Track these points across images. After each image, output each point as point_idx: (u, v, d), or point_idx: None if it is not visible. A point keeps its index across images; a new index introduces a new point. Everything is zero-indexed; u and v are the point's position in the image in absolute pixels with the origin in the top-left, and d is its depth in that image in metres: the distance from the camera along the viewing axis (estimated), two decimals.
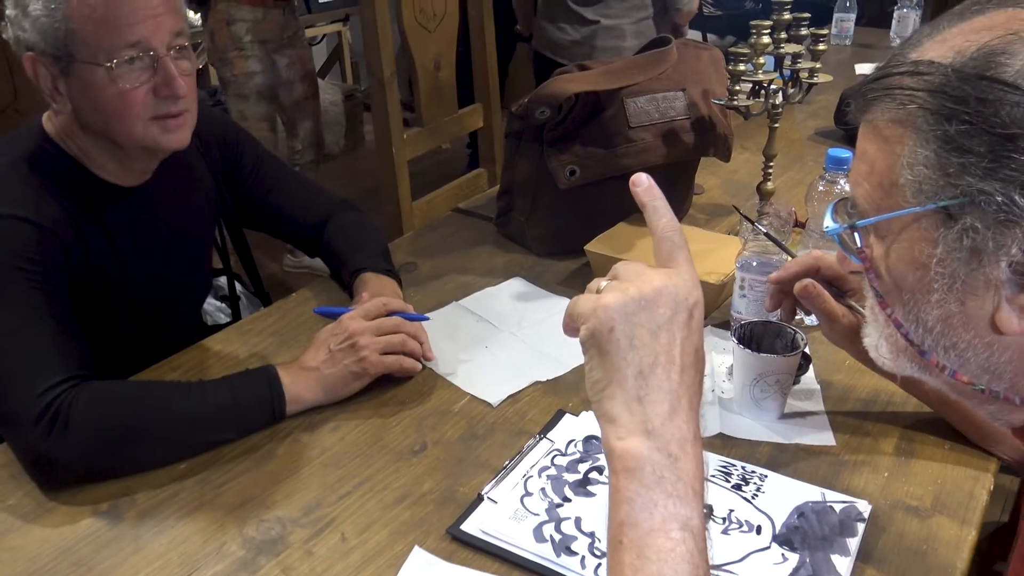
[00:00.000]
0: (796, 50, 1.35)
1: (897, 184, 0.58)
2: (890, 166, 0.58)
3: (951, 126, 0.54)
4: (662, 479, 0.57)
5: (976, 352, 0.58)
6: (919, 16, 2.71)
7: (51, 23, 1.00)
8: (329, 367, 1.08)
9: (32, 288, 1.00)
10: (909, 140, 0.56)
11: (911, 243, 0.58)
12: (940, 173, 0.55)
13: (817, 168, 1.82)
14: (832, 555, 0.85)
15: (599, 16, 2.61)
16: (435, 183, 2.36)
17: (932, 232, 0.56)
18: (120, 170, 1.13)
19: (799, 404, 1.08)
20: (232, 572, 0.86)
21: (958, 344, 0.59)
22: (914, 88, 0.56)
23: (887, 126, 0.58)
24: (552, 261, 1.45)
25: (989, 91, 0.52)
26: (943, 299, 0.57)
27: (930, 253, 0.57)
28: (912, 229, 0.58)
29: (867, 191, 0.61)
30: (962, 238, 0.54)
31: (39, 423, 0.92)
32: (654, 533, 0.56)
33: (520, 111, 1.38)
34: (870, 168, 0.60)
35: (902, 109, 0.57)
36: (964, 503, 0.93)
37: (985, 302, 0.56)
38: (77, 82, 1.03)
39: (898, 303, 0.61)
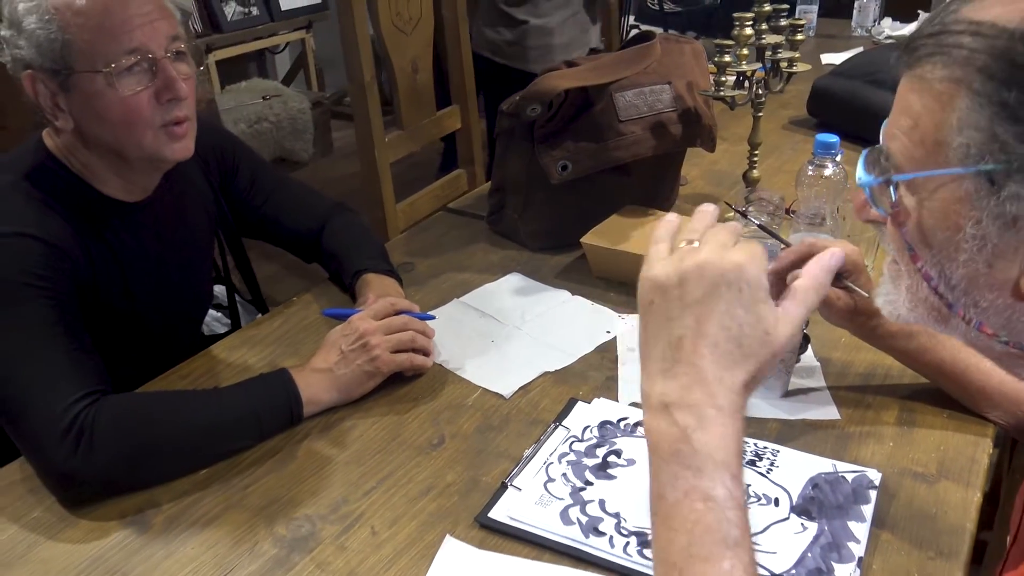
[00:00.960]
0: (776, 40, 1.39)
1: (942, 143, 0.57)
2: (937, 125, 0.57)
3: (1011, 93, 0.53)
4: (679, 452, 0.59)
5: (997, 311, 0.59)
6: (879, 5, 2.78)
7: (47, 35, 1.00)
8: (342, 368, 1.09)
9: (44, 305, 1.00)
10: (962, 101, 0.55)
11: (947, 203, 0.58)
12: (991, 138, 0.54)
13: (795, 155, 1.88)
14: (849, 522, 0.89)
15: (528, 16, 2.63)
16: (411, 184, 2.37)
17: (972, 195, 0.56)
18: (123, 185, 1.13)
19: (801, 382, 1.12)
20: (268, 571, 0.87)
21: (980, 302, 0.59)
22: (975, 49, 0.54)
23: (940, 83, 0.56)
24: (547, 255, 1.48)
25: None
26: (971, 259, 0.57)
27: (966, 215, 0.56)
28: (951, 189, 0.57)
29: (906, 146, 0.60)
30: (1004, 204, 0.54)
31: (64, 441, 0.92)
32: (679, 505, 0.58)
33: (511, 109, 1.40)
34: (914, 123, 0.59)
35: (959, 68, 0.55)
36: (967, 467, 0.97)
37: (1012, 267, 0.56)
38: (78, 95, 1.03)
39: (927, 256, 0.61)
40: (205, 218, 1.31)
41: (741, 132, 1.95)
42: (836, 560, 0.84)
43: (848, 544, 0.86)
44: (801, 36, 1.42)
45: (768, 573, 0.83)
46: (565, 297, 1.34)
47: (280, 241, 1.42)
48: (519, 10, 2.64)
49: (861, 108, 1.87)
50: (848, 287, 1.04)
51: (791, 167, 1.81)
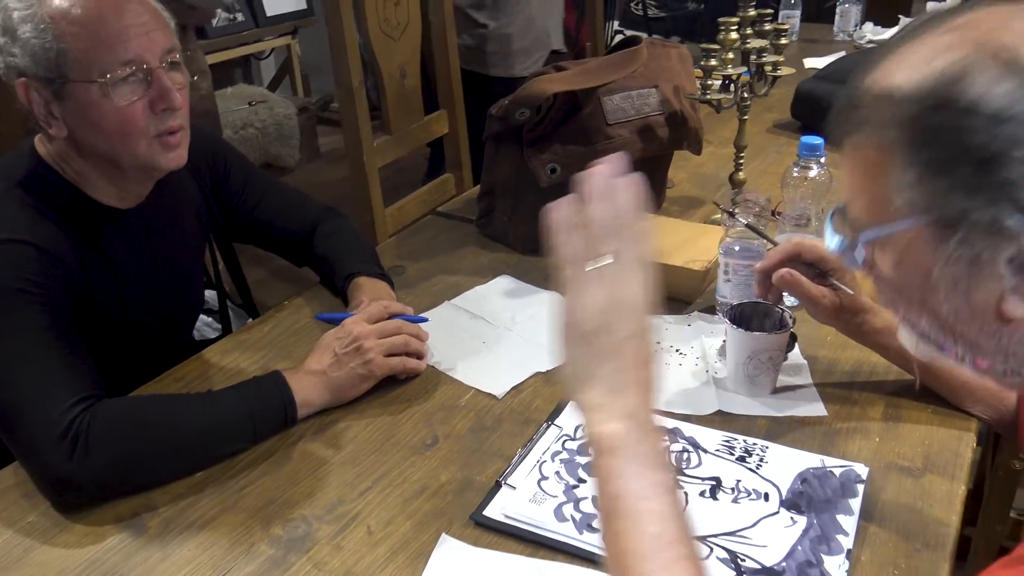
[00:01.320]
0: (761, 45, 1.41)
1: (888, 201, 0.60)
2: (879, 187, 0.61)
3: (931, 152, 0.57)
4: (642, 454, 0.64)
5: (987, 338, 0.61)
6: (860, 10, 2.81)
7: (42, 44, 1.01)
8: (336, 370, 1.10)
9: (39, 311, 1.00)
10: (894, 166, 0.59)
11: (911, 252, 0.61)
12: (928, 193, 0.57)
13: (779, 158, 1.91)
14: (837, 515, 0.91)
15: (488, 20, 2.65)
16: (398, 189, 2.38)
17: (932, 242, 0.59)
18: (116, 193, 1.13)
19: (789, 379, 1.13)
20: (265, 571, 0.88)
21: (967, 334, 0.61)
22: (889, 119, 0.59)
23: (870, 153, 0.61)
24: (536, 258, 1.49)
25: (957, 119, 0.55)
26: (949, 296, 0.60)
27: (931, 260, 0.59)
28: (910, 240, 0.60)
29: (862, 207, 0.64)
30: (960, 247, 0.57)
31: (60, 446, 0.92)
32: (644, 500, 0.62)
33: (500, 113, 1.42)
34: (861, 187, 0.63)
35: (879, 138, 0.59)
36: (952, 461, 0.99)
37: (990, 295, 0.58)
38: (73, 104, 1.04)
39: (909, 302, 0.64)
40: (196, 223, 1.31)
41: (726, 135, 1.98)
42: (825, 552, 0.86)
43: (837, 537, 0.88)
44: (785, 40, 1.44)
45: (759, 566, 0.85)
46: (555, 299, 1.35)
47: (271, 245, 1.43)
48: (481, 14, 2.65)
49: None
50: (834, 285, 1.06)
51: (775, 169, 1.84)
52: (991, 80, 0.54)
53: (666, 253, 1.33)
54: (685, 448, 1.01)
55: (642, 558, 0.60)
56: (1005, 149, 0.53)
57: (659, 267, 1.37)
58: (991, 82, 0.54)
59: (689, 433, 1.04)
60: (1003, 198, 0.54)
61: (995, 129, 0.53)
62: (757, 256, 1.21)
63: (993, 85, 0.54)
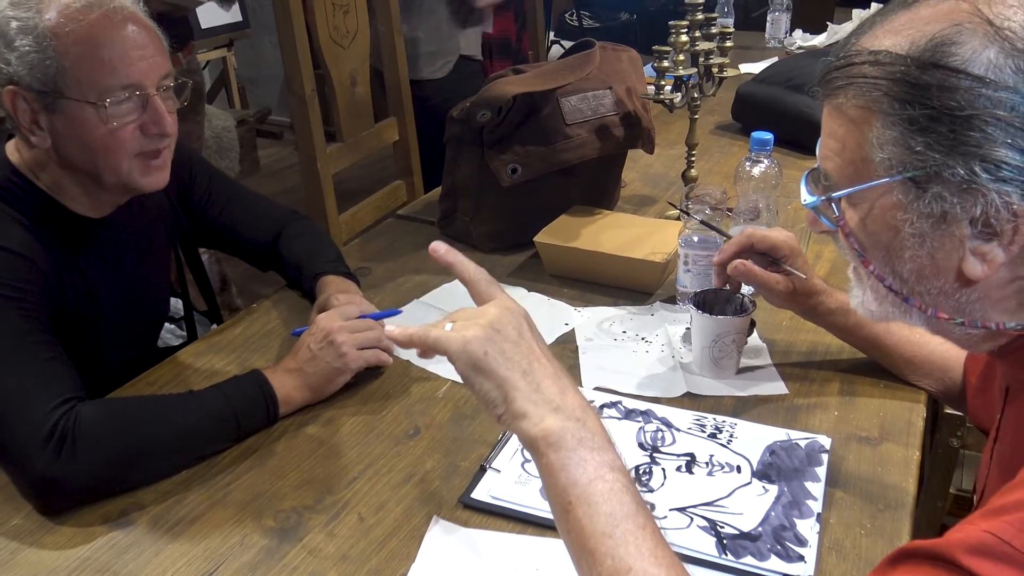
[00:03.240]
0: (709, 47, 1.48)
1: (868, 160, 0.65)
2: (859, 144, 0.65)
3: (915, 110, 0.61)
4: (582, 439, 0.68)
5: (947, 296, 0.67)
6: (789, 18, 2.94)
7: (41, 60, 1.00)
8: (311, 366, 1.12)
9: (18, 315, 0.99)
10: (876, 122, 0.64)
11: (883, 209, 0.66)
12: (906, 150, 0.62)
13: (724, 157, 1.99)
14: (805, 483, 0.96)
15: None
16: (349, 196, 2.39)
17: (903, 199, 0.64)
18: (90, 203, 1.13)
19: (750, 361, 1.19)
20: (260, 560, 0.89)
21: (931, 290, 0.67)
22: (877, 77, 0.63)
23: (854, 110, 0.65)
24: (500, 256, 1.53)
25: (945, 79, 0.60)
26: (915, 255, 0.65)
27: (902, 217, 0.64)
28: (884, 197, 0.65)
29: (839, 165, 0.68)
30: (931, 204, 0.62)
31: (46, 448, 0.92)
32: (593, 482, 0.66)
33: (461, 115, 1.46)
34: (841, 146, 0.68)
35: (867, 96, 0.64)
36: (905, 430, 1.06)
37: (952, 255, 0.64)
38: (62, 119, 1.03)
39: (876, 260, 0.69)
40: (163, 230, 1.31)
41: (671, 137, 2.06)
42: (797, 516, 0.92)
43: (807, 502, 0.93)
44: (730, 43, 1.52)
45: (737, 531, 0.90)
46: (522, 294, 1.40)
47: (236, 250, 1.43)
48: None
49: (781, 111, 1.99)
50: (787, 270, 1.12)
51: (721, 168, 1.92)
52: (979, 46, 0.60)
53: (627, 247, 1.38)
54: (659, 428, 1.06)
55: (603, 536, 0.65)
56: (984, 110, 0.59)
57: (622, 260, 1.43)
58: (979, 47, 0.60)
59: (661, 414, 1.09)
60: (977, 156, 0.59)
61: (978, 91, 0.59)
62: (715, 247, 1.27)
63: (981, 51, 0.59)
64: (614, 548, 0.64)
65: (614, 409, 1.10)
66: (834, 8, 3.78)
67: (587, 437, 0.68)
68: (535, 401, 0.70)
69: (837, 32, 2.81)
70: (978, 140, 0.59)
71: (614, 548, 0.64)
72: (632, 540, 0.64)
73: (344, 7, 2.12)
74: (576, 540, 0.66)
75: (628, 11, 4.88)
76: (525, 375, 0.70)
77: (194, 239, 1.41)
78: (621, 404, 1.11)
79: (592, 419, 0.70)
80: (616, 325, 1.29)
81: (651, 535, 0.65)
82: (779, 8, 2.91)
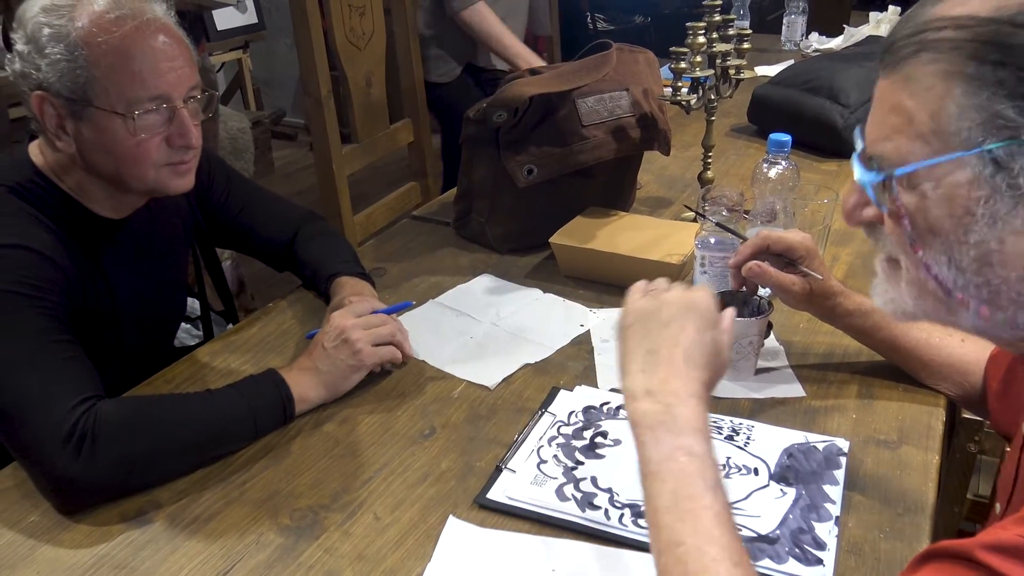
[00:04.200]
0: (726, 49, 1.48)
1: (941, 132, 0.59)
2: (934, 115, 0.60)
3: (1006, 71, 0.56)
4: (663, 422, 0.73)
5: (1009, 286, 0.61)
6: (805, 21, 2.93)
7: (71, 68, 1.01)
8: (326, 364, 1.12)
9: (38, 314, 1.00)
10: (958, 88, 0.58)
11: (953, 187, 0.60)
12: (993, 116, 0.57)
13: (740, 159, 1.98)
14: (823, 486, 0.96)
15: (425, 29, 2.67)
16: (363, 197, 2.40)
17: (979, 176, 0.58)
18: (112, 205, 1.14)
19: (767, 363, 1.19)
20: (277, 559, 0.89)
21: (992, 280, 0.61)
22: (961, 39, 0.58)
23: (930, 77, 0.59)
24: (515, 257, 1.53)
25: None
26: (982, 239, 0.60)
27: (974, 196, 0.59)
28: (956, 174, 0.59)
29: (902, 143, 0.62)
30: (1008, 179, 0.57)
31: (66, 446, 0.92)
32: (665, 461, 0.71)
33: (478, 116, 1.46)
34: (907, 120, 0.62)
35: (949, 59, 0.58)
36: (924, 433, 1.05)
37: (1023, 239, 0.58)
38: (90, 126, 1.04)
39: (930, 247, 0.63)
40: (181, 230, 1.32)
41: (687, 139, 2.05)
42: (815, 520, 0.91)
43: (825, 505, 0.93)
44: (748, 45, 1.51)
45: (755, 534, 0.89)
46: (537, 295, 1.39)
47: (253, 250, 1.44)
48: None
49: (798, 113, 1.98)
50: (803, 272, 1.12)
51: (737, 170, 1.91)
52: None
53: (643, 249, 1.38)
54: None
55: (664, 510, 0.68)
56: None
57: (638, 262, 1.43)
58: None
59: None
60: None
61: None
62: (732, 248, 1.26)
63: None
64: (672, 523, 0.67)
65: None
66: (850, 11, 3.77)
67: (667, 421, 0.73)
68: (639, 381, 0.77)
69: (853, 35, 2.79)
70: None
71: (672, 523, 0.67)
72: (690, 518, 0.67)
73: (360, 9, 2.13)
74: (649, 512, 0.71)
75: (643, 14, 4.87)
76: (648, 355, 0.78)
77: (211, 239, 1.42)
78: None
79: (684, 408, 0.74)
80: None
81: (713, 516, 0.67)
82: (795, 11, 2.90)
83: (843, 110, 1.92)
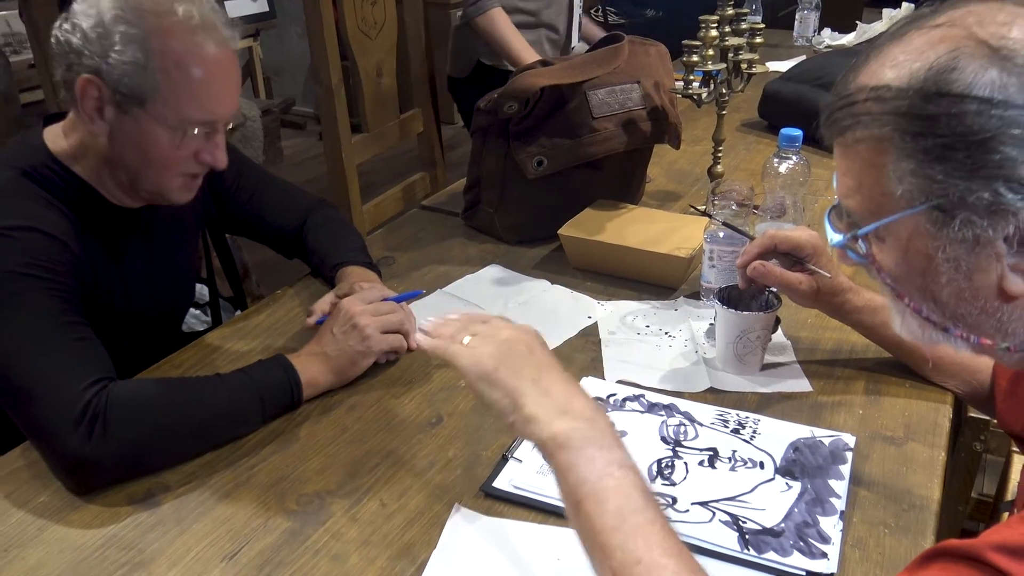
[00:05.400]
0: (738, 43, 1.47)
1: (888, 193, 0.64)
2: (877, 180, 0.64)
3: (928, 140, 0.60)
4: (590, 439, 0.71)
5: (988, 317, 0.64)
6: (817, 17, 2.92)
7: (139, 71, 1.00)
8: (335, 350, 1.12)
9: (50, 295, 1.00)
10: (890, 157, 0.62)
11: (912, 239, 0.64)
12: (927, 179, 0.61)
13: (749, 155, 1.98)
14: (829, 480, 0.96)
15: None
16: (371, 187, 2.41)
17: (931, 228, 0.62)
18: (126, 196, 1.15)
19: (774, 358, 1.19)
20: (284, 542, 0.90)
21: (972, 312, 0.65)
22: (883, 113, 0.62)
23: (866, 148, 0.64)
24: (523, 248, 1.53)
25: (952, 105, 0.58)
26: (952, 279, 0.63)
27: (933, 245, 0.63)
28: (911, 229, 0.64)
29: (859, 202, 0.67)
30: (961, 230, 0.60)
31: (78, 427, 0.93)
32: (602, 479, 0.69)
33: (488, 106, 1.46)
34: (858, 183, 0.66)
35: (876, 131, 0.63)
36: (931, 430, 1.05)
37: (989, 274, 0.62)
38: (133, 123, 1.04)
39: (911, 290, 0.67)
40: (192, 217, 1.32)
41: (698, 134, 2.05)
42: (820, 514, 0.91)
43: (830, 500, 0.93)
44: (760, 39, 1.51)
45: (760, 527, 0.89)
46: (545, 286, 1.40)
47: (263, 237, 1.44)
48: None
49: (809, 109, 1.97)
50: (811, 270, 1.11)
51: (747, 165, 1.91)
52: (979, 68, 0.58)
53: (652, 242, 1.38)
54: (682, 422, 1.06)
55: (612, 530, 0.66)
56: (998, 130, 0.57)
57: (646, 255, 1.43)
58: (980, 69, 0.58)
59: (684, 408, 1.09)
60: (999, 177, 0.58)
61: (988, 112, 0.57)
62: (741, 243, 1.26)
63: (982, 72, 0.58)
64: (623, 542, 0.66)
65: (637, 403, 1.10)
66: (863, 7, 3.75)
67: (595, 436, 0.71)
68: (544, 406, 0.74)
69: (866, 31, 2.78)
70: (998, 161, 0.58)
71: (623, 542, 0.66)
72: (640, 533, 0.66)
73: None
74: (588, 536, 0.68)
75: (654, 8, 4.86)
76: (535, 383, 0.75)
77: (222, 225, 1.42)
78: (644, 398, 1.11)
79: (601, 420, 0.73)
80: (639, 319, 1.29)
81: (660, 528, 0.66)
82: (808, 7, 2.89)
83: None
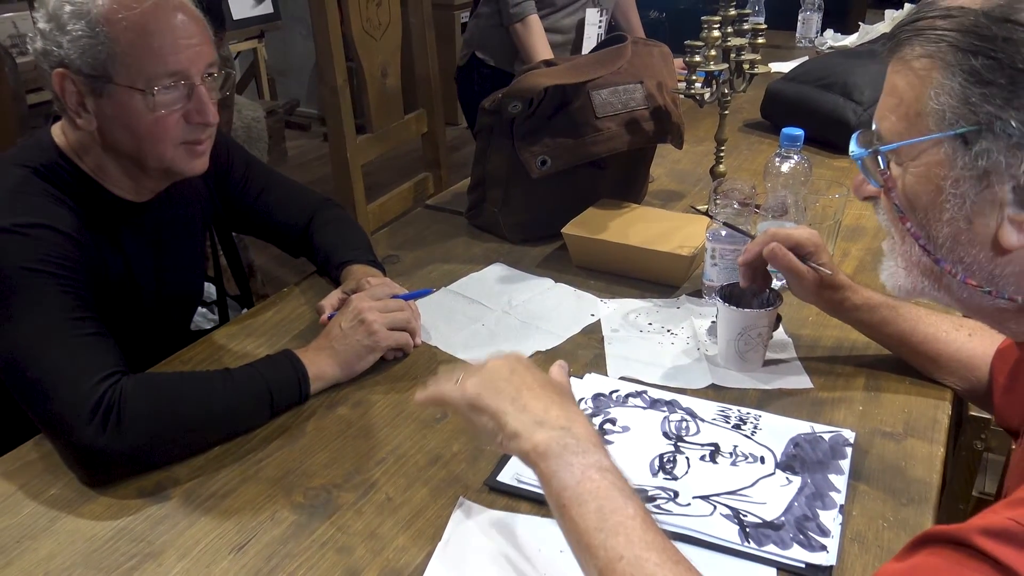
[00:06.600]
0: (741, 43, 1.49)
1: (922, 113, 0.66)
2: (917, 97, 0.67)
3: (977, 60, 0.62)
4: (566, 446, 0.73)
5: (981, 266, 0.68)
6: (820, 18, 2.93)
7: (92, 44, 1.03)
8: (342, 344, 1.14)
9: (62, 291, 1.02)
10: (937, 73, 0.65)
11: (928, 167, 0.67)
12: (962, 102, 0.63)
13: (752, 155, 1.99)
14: (829, 475, 0.97)
15: None
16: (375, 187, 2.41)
17: (949, 157, 0.65)
18: (133, 187, 1.16)
19: (775, 355, 1.20)
20: (290, 535, 0.91)
21: (964, 258, 0.68)
22: (945, 28, 0.64)
23: (917, 61, 0.67)
24: (528, 247, 1.54)
25: (1013, 31, 0.61)
26: (953, 218, 0.67)
27: (945, 175, 0.66)
28: (931, 153, 0.67)
29: (893, 123, 0.70)
30: (976, 161, 0.63)
31: (93, 420, 0.94)
32: (582, 483, 0.71)
33: (493, 106, 1.47)
34: (898, 100, 0.69)
35: (933, 46, 0.65)
36: (930, 426, 1.06)
37: (990, 221, 0.65)
38: (110, 103, 1.06)
39: (913, 219, 0.71)
40: (199, 214, 1.34)
41: (700, 134, 2.06)
42: (820, 508, 0.92)
43: (830, 494, 0.94)
44: (762, 40, 1.52)
45: (760, 520, 0.90)
46: (549, 284, 1.41)
47: (269, 235, 1.46)
48: None
49: (811, 109, 1.99)
50: (812, 267, 1.13)
51: (749, 165, 1.92)
52: None
53: (654, 240, 1.39)
54: (684, 418, 1.07)
55: (595, 531, 0.68)
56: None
57: (649, 253, 1.44)
58: None
59: (686, 404, 1.10)
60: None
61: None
62: (743, 242, 1.27)
63: None
64: (605, 540, 0.67)
65: (639, 399, 1.11)
66: (866, 8, 3.76)
67: (571, 443, 0.73)
68: (523, 421, 0.76)
69: (869, 32, 2.79)
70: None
71: (605, 540, 0.67)
72: (622, 531, 0.67)
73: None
74: (573, 539, 0.70)
75: (658, 9, 4.87)
76: (513, 402, 0.78)
77: (229, 224, 1.44)
78: (646, 394, 1.12)
79: (578, 427, 0.75)
80: (642, 317, 1.30)
81: (640, 524, 0.68)
82: (811, 7, 2.90)
83: (856, 107, 1.92)
